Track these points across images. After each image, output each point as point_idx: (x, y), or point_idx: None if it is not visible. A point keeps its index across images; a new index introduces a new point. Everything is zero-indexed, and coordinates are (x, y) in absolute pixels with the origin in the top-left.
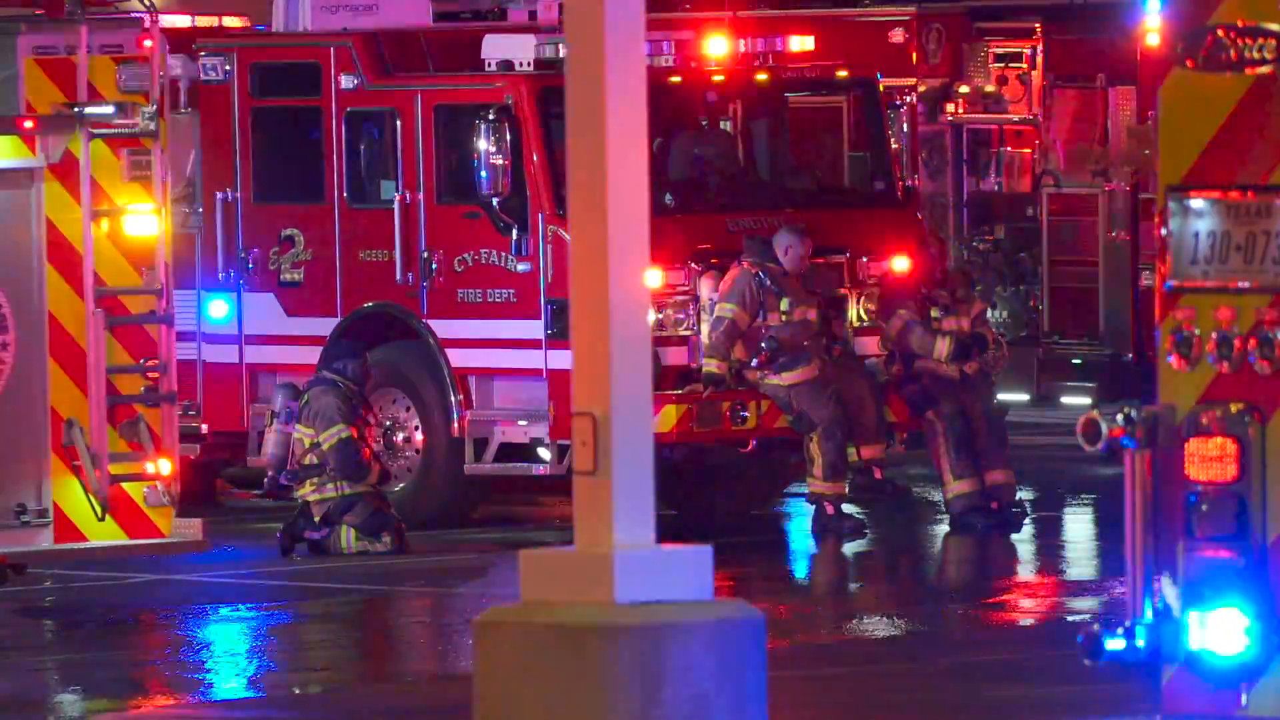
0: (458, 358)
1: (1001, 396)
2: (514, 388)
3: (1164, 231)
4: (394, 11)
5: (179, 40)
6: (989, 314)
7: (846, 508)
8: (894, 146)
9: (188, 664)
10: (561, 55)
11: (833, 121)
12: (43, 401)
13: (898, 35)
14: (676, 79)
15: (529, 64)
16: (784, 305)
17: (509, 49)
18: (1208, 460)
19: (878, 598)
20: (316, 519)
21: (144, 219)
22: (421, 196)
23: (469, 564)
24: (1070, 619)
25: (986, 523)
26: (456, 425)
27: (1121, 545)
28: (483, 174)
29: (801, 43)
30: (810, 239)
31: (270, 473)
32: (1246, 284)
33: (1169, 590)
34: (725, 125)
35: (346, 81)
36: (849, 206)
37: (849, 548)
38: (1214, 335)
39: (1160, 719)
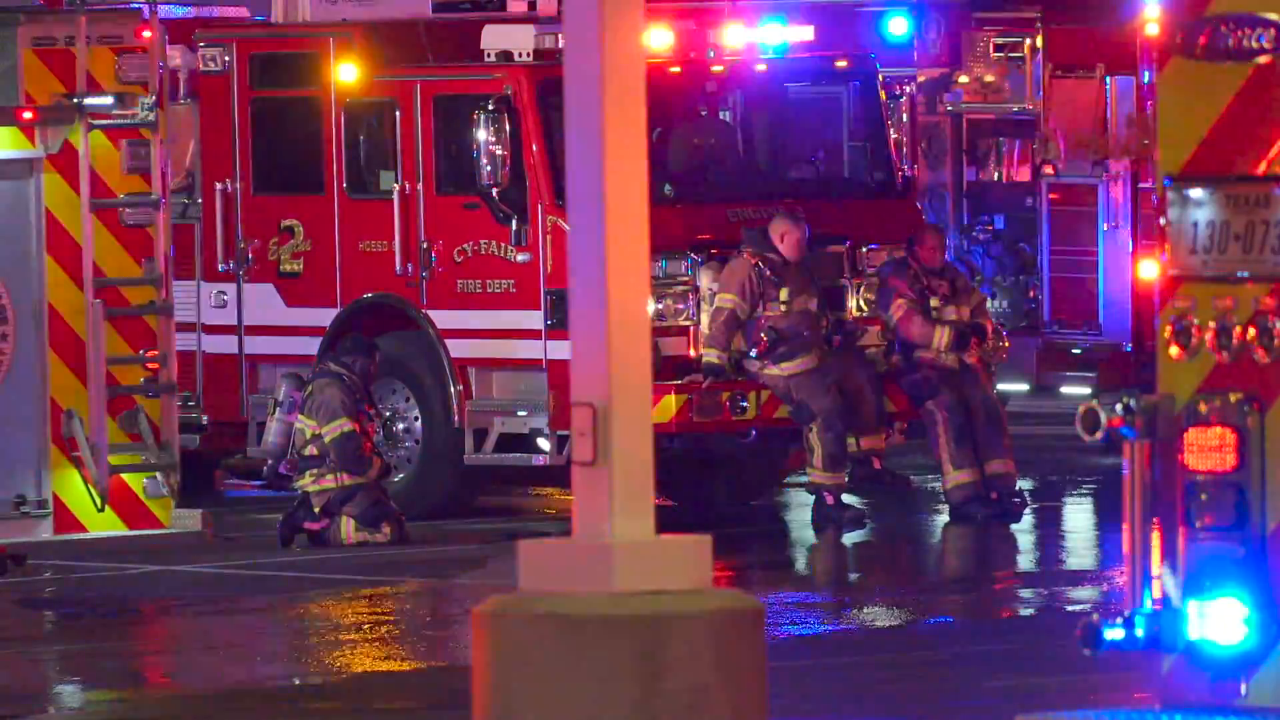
0: (457, 348)
1: (1001, 387)
2: (513, 378)
3: (1163, 221)
4: (393, 2)
5: (178, 31)
6: (988, 304)
7: (846, 498)
8: (893, 136)
9: (187, 655)
10: (560, 45)
11: (832, 111)
12: (42, 392)
13: (897, 25)
14: (676, 69)
15: (528, 54)
16: (784, 295)
17: (508, 39)
18: (1207, 450)
19: (877, 588)
20: (316, 510)
21: (143, 210)
22: (421, 187)
23: (468, 554)
24: (1070, 609)
25: (986, 513)
26: (456, 416)
27: (1120, 535)
28: (482, 164)
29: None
30: (805, 225)
31: (270, 462)
32: (1245, 273)
33: (1168, 580)
34: (725, 115)
35: (346, 72)
36: (848, 196)
37: (848, 538)
38: (1213, 325)
39: (1160, 709)
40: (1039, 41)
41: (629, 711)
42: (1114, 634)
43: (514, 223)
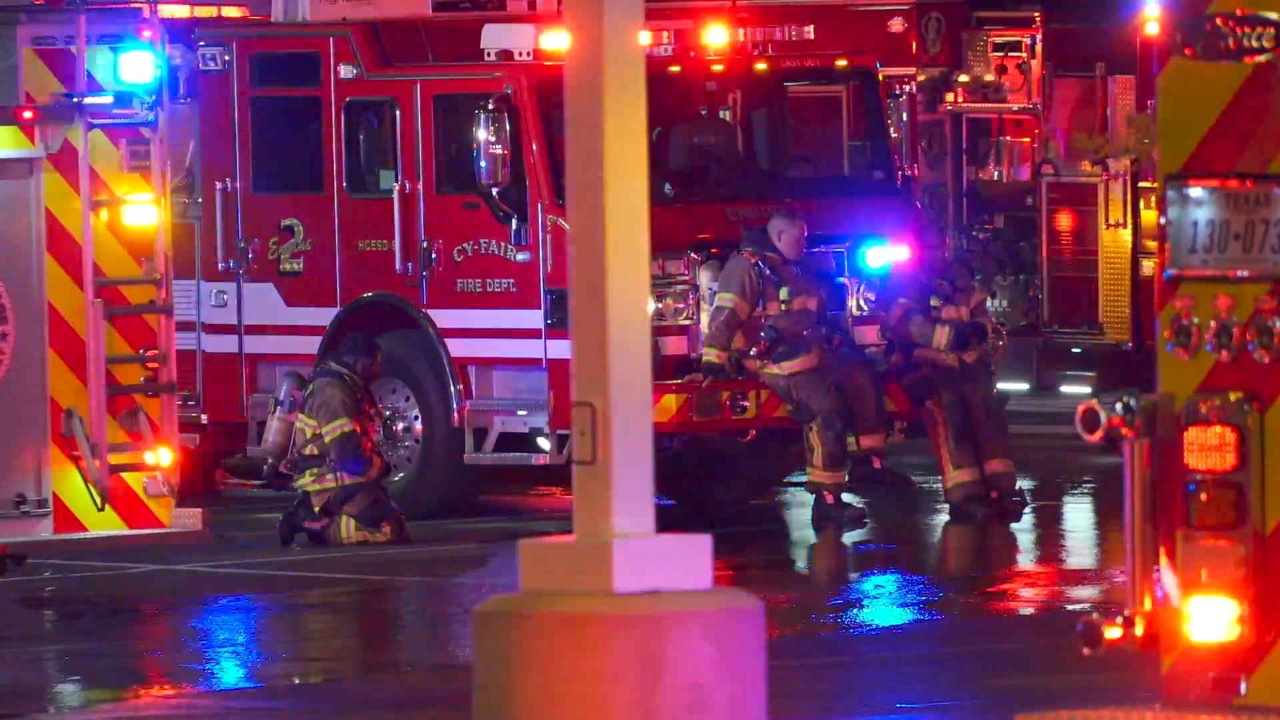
0: (457, 347)
1: (1001, 387)
2: (513, 377)
3: (1163, 220)
4: (393, 1)
5: (178, 30)
6: (989, 303)
7: (846, 497)
8: (893, 136)
9: (188, 654)
10: (561, 45)
11: (832, 111)
12: (42, 391)
13: (897, 24)
14: (676, 68)
15: (528, 53)
16: (783, 294)
17: (508, 38)
18: (1207, 449)
19: (877, 587)
20: (316, 509)
21: (143, 209)
22: (421, 186)
23: (468, 554)
24: (1070, 608)
25: (986, 512)
26: (456, 415)
27: (1120, 534)
28: (482, 164)
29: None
30: (804, 224)
31: (270, 461)
32: (1245, 273)
33: (1168, 580)
34: (725, 114)
35: (346, 71)
36: (848, 196)
37: (848, 537)
38: (1213, 324)
39: (1160, 708)
40: (1039, 41)
41: (629, 711)
42: (1114, 633)
43: (514, 222)
